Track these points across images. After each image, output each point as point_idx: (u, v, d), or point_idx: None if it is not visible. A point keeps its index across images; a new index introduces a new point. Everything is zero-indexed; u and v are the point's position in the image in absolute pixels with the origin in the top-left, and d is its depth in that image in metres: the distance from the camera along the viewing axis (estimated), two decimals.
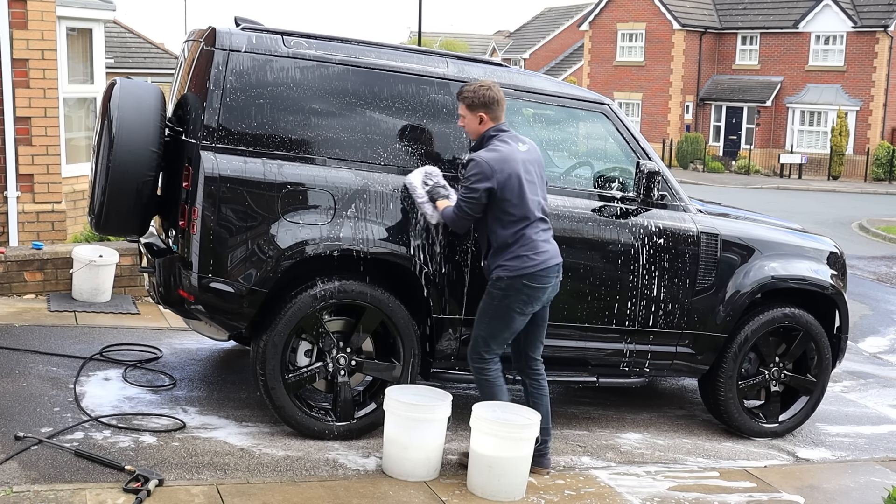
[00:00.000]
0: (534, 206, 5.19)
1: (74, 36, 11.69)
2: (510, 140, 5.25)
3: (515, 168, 5.14)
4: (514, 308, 5.20)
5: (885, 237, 21.57)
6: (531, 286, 5.16)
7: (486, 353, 5.29)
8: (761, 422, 6.66)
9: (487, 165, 5.09)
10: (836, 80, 39.85)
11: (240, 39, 5.34)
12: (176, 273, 5.41)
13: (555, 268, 5.24)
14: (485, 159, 5.12)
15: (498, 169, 5.09)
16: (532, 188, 5.19)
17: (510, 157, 5.15)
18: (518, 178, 5.13)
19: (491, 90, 5.25)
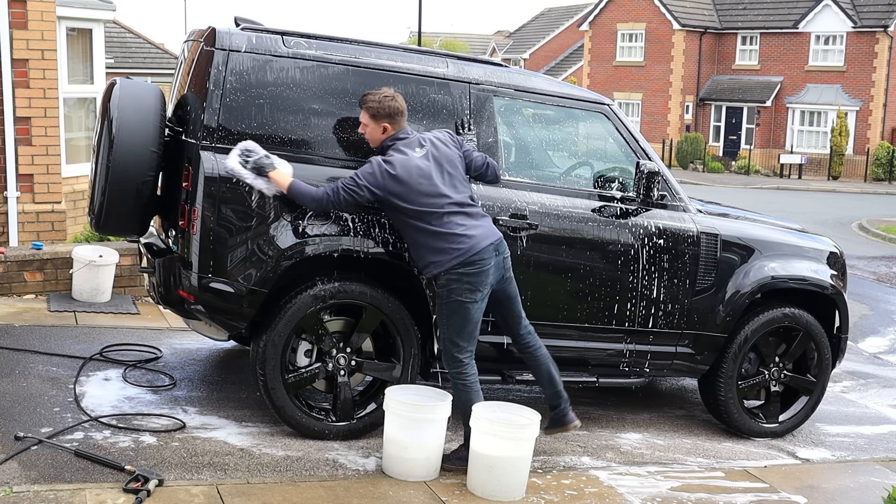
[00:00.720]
0: (440, 201, 5.17)
1: (74, 36, 11.70)
2: (405, 148, 5.23)
3: (410, 176, 5.13)
4: (461, 299, 5.19)
5: (885, 237, 21.58)
6: (469, 273, 5.17)
7: (458, 352, 5.26)
8: (761, 422, 6.67)
9: (381, 173, 5.12)
10: (836, 80, 39.87)
11: (240, 39, 5.34)
12: (176, 273, 5.41)
13: (487, 248, 5.19)
14: (382, 167, 5.13)
15: (389, 178, 5.11)
16: (433, 186, 5.17)
17: (406, 166, 5.15)
18: (415, 185, 5.13)
19: (395, 100, 5.27)
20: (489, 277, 5.24)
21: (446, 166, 5.28)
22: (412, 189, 5.14)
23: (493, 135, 5.81)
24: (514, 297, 5.44)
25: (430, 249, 5.23)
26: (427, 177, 5.19)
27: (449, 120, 5.68)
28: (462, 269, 5.18)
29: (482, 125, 5.77)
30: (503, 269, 5.32)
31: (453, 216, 5.21)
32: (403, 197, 5.15)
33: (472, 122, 5.75)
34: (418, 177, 5.17)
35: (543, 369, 5.53)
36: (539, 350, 5.52)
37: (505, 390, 6.92)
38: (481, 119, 5.77)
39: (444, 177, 5.25)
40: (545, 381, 5.54)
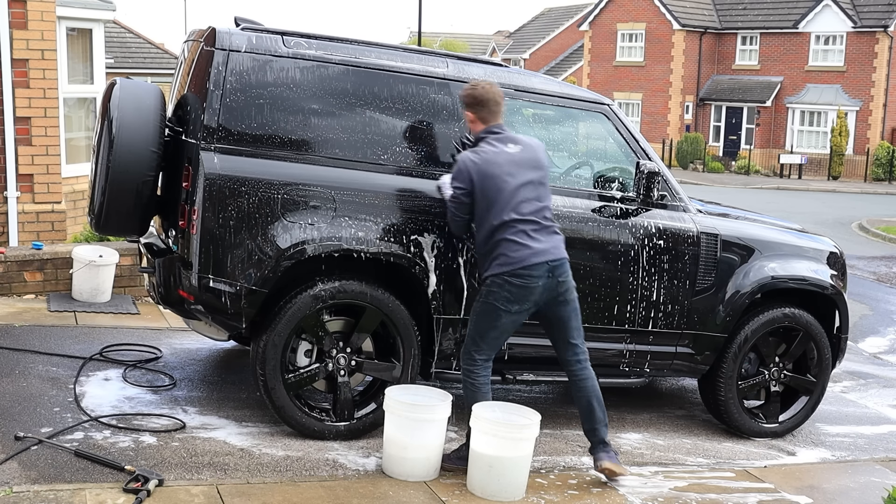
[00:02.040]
0: (515, 207, 5.11)
1: (74, 36, 11.70)
2: (497, 142, 5.21)
3: (493, 170, 5.11)
4: (498, 305, 5.15)
5: (885, 237, 21.58)
6: (513, 283, 5.10)
7: (476, 352, 5.25)
8: (761, 422, 6.66)
9: (465, 167, 5.15)
10: (836, 81, 39.86)
11: (240, 40, 5.34)
12: (176, 273, 5.41)
13: (539, 265, 5.10)
14: (465, 162, 5.16)
15: (475, 171, 5.12)
16: (515, 189, 5.12)
17: (491, 160, 5.13)
18: (496, 181, 5.10)
19: (474, 89, 5.25)
20: (534, 295, 5.14)
21: (534, 172, 5.22)
22: (493, 183, 5.09)
23: None
24: (566, 321, 5.27)
25: (488, 252, 5.18)
26: (511, 175, 5.13)
27: (449, 120, 5.68)
28: (508, 278, 5.11)
29: None
30: (556, 292, 5.19)
31: (520, 223, 5.12)
32: (484, 190, 5.10)
33: None
34: (502, 173, 5.12)
35: (584, 401, 5.34)
36: (585, 381, 5.32)
37: (505, 390, 6.92)
38: None
39: (526, 182, 5.18)
40: (583, 413, 5.35)
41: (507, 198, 5.11)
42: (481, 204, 5.15)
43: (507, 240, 5.10)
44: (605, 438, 5.34)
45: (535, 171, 5.21)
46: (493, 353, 5.30)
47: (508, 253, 5.10)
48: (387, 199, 5.48)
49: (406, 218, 5.51)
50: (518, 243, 5.08)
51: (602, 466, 5.29)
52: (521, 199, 5.14)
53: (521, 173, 5.17)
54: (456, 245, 5.61)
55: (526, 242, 5.09)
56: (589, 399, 5.33)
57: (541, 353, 5.94)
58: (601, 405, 5.35)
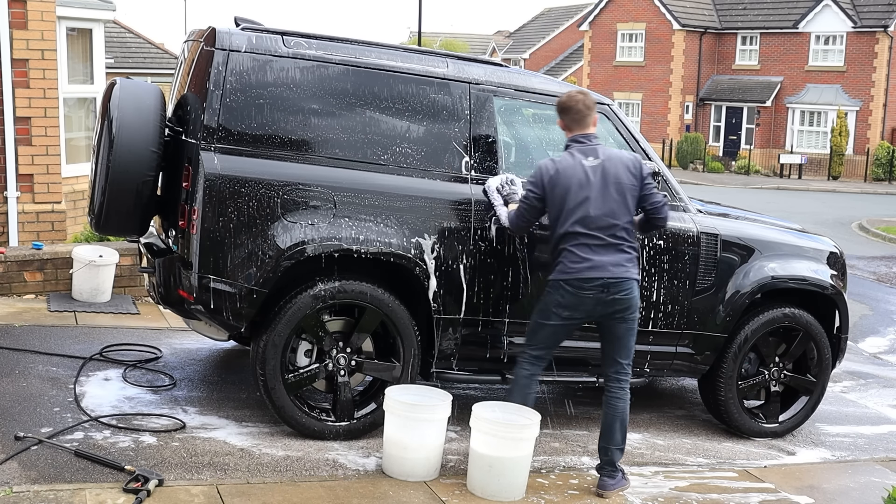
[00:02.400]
0: (581, 220, 5.12)
1: (74, 36, 11.69)
2: (578, 152, 5.21)
3: (567, 181, 5.14)
4: (551, 307, 5.24)
5: (885, 237, 21.58)
6: (566, 290, 5.15)
7: (527, 347, 5.38)
8: (761, 422, 6.66)
9: (540, 173, 5.22)
10: (836, 80, 39.86)
11: (240, 40, 5.34)
12: (176, 273, 5.41)
13: (593, 280, 5.09)
14: (541, 168, 5.24)
15: (547, 179, 5.17)
16: (583, 202, 5.12)
17: (565, 170, 5.16)
18: (564, 191, 5.14)
19: (562, 98, 5.30)
20: (585, 306, 5.17)
21: (611, 188, 5.16)
22: (562, 193, 5.14)
23: (493, 135, 5.81)
24: (617, 339, 5.25)
25: (553, 255, 5.29)
26: (582, 187, 5.13)
27: (449, 120, 5.69)
28: (563, 284, 5.17)
29: (482, 125, 5.77)
30: (612, 308, 5.16)
31: (583, 236, 5.13)
32: (554, 199, 5.18)
33: (474, 123, 5.75)
34: (573, 184, 5.14)
35: (609, 419, 5.29)
36: (617, 401, 5.28)
37: (505, 390, 6.91)
38: (481, 119, 5.77)
39: (601, 196, 5.14)
40: (604, 430, 5.30)
41: (572, 209, 5.14)
42: (551, 212, 5.23)
43: (568, 250, 5.17)
44: (615, 462, 5.29)
45: (612, 185, 5.16)
46: (543, 353, 5.36)
47: (567, 262, 5.17)
48: (387, 200, 5.48)
49: (406, 218, 5.51)
50: (577, 255, 5.13)
51: (599, 492, 5.23)
52: (588, 213, 5.13)
53: (594, 187, 5.14)
54: (456, 245, 5.62)
55: (585, 255, 5.12)
56: (614, 419, 5.28)
57: None
58: (623, 429, 5.29)
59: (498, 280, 5.73)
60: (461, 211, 5.64)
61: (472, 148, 5.74)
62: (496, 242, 5.70)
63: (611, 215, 5.15)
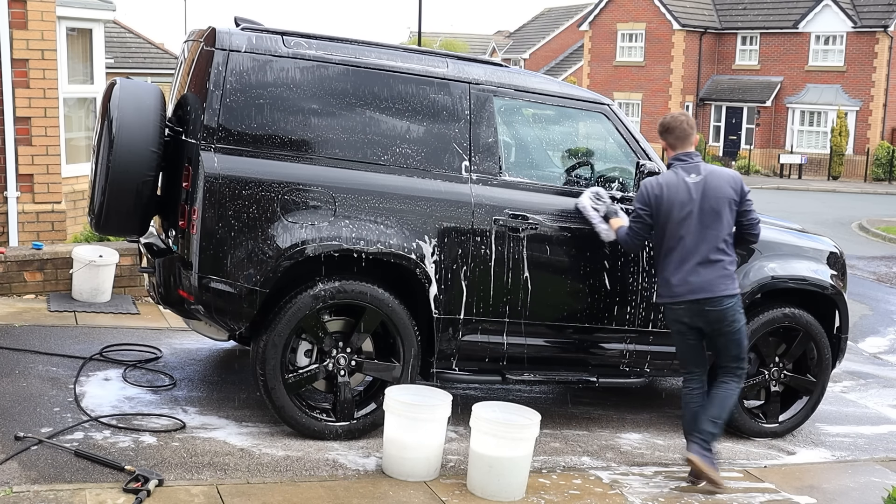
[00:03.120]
0: (682, 238, 5.36)
1: (74, 36, 11.70)
2: (681, 170, 5.45)
3: (670, 197, 5.39)
4: (670, 326, 5.62)
5: (885, 237, 21.57)
6: (670, 308, 5.52)
7: (681, 367, 5.71)
8: (761, 422, 6.66)
9: (645, 191, 5.47)
10: (836, 80, 39.85)
11: (240, 40, 5.34)
12: (176, 273, 5.41)
13: (688, 302, 5.39)
14: (644, 185, 5.50)
15: (652, 195, 5.42)
16: (684, 219, 5.35)
17: (669, 186, 5.40)
18: (668, 208, 5.38)
19: (663, 119, 5.58)
20: (685, 317, 5.48)
21: (710, 203, 5.38)
22: (666, 210, 5.38)
23: (493, 135, 5.81)
24: (720, 349, 5.55)
25: (658, 276, 5.58)
26: (684, 205, 5.37)
27: (449, 120, 5.68)
28: (667, 303, 5.53)
29: (482, 125, 5.77)
30: (710, 320, 5.43)
31: (683, 254, 5.38)
32: (658, 216, 5.41)
33: (474, 123, 5.75)
34: (676, 201, 5.37)
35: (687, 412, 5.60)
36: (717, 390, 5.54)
37: (505, 390, 6.92)
38: (481, 119, 5.77)
39: (699, 214, 5.37)
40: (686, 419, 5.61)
41: (677, 225, 5.38)
42: (656, 228, 5.48)
43: (669, 268, 5.44)
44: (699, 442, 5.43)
45: (714, 201, 5.38)
46: (694, 367, 5.60)
47: (667, 281, 5.46)
48: (387, 200, 5.48)
49: (406, 218, 5.51)
50: (675, 273, 5.40)
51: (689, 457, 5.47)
52: (690, 231, 5.36)
53: (697, 204, 5.36)
54: (456, 245, 5.61)
55: (682, 275, 5.38)
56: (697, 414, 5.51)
57: (541, 353, 5.95)
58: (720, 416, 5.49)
59: (498, 280, 5.73)
60: (461, 211, 5.64)
61: (472, 148, 5.73)
62: (497, 245, 5.70)
63: (712, 230, 5.39)
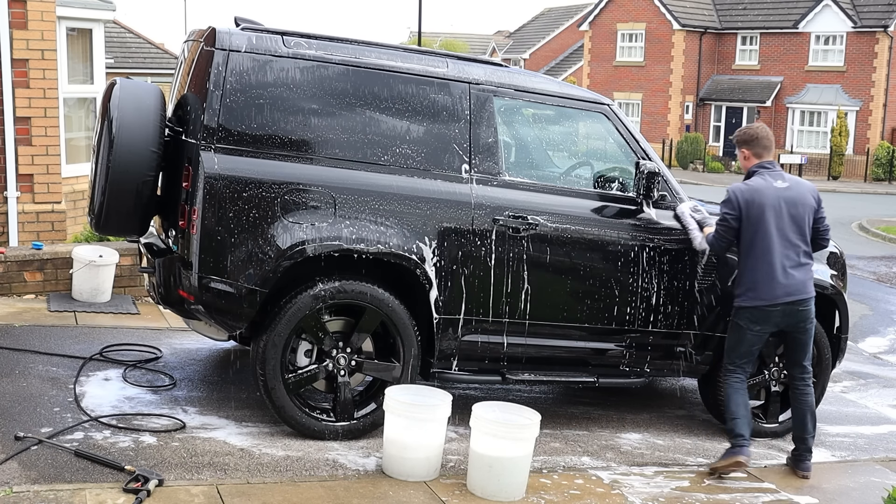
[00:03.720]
0: (769, 243, 5.59)
1: (74, 36, 11.69)
2: (769, 176, 5.69)
3: (761, 202, 5.60)
4: (741, 324, 5.75)
5: (885, 237, 21.57)
6: (758, 307, 5.67)
7: (728, 363, 5.85)
8: (761, 422, 6.66)
9: (735, 196, 5.64)
10: (836, 81, 39.85)
11: (240, 40, 5.34)
12: (176, 273, 5.41)
13: (783, 304, 5.62)
14: (734, 190, 5.68)
15: (743, 200, 5.61)
16: (776, 226, 5.60)
17: (760, 191, 5.62)
18: (759, 213, 5.59)
19: (748, 130, 5.84)
20: (774, 319, 5.69)
21: (797, 209, 5.67)
22: (758, 213, 5.58)
23: (494, 135, 5.81)
24: (801, 346, 5.84)
25: (742, 281, 5.72)
26: (776, 209, 5.60)
27: (449, 120, 5.68)
28: (752, 311, 5.68)
29: (482, 125, 5.77)
30: (796, 320, 5.72)
31: (777, 257, 5.61)
32: (749, 219, 5.60)
33: (474, 123, 5.75)
34: (768, 205, 5.59)
35: (800, 413, 5.91)
36: (806, 396, 5.91)
37: (505, 390, 6.92)
38: (481, 119, 5.77)
39: (787, 219, 5.64)
40: (796, 423, 5.96)
41: (768, 231, 5.60)
42: (746, 232, 5.64)
43: (761, 270, 5.61)
44: (812, 448, 5.94)
45: (800, 207, 5.68)
46: (746, 364, 5.85)
47: (762, 284, 5.61)
48: (387, 200, 5.48)
49: (406, 218, 5.51)
50: (769, 277, 5.60)
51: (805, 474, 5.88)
52: (782, 234, 5.62)
53: (786, 210, 5.63)
54: (456, 245, 5.61)
55: (778, 277, 5.60)
56: (805, 412, 5.91)
57: (541, 353, 5.95)
58: (814, 420, 5.95)
59: (498, 280, 5.73)
60: (461, 211, 5.63)
61: (473, 148, 5.73)
62: (497, 245, 5.70)
63: (798, 235, 5.68)
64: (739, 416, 5.76)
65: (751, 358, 5.89)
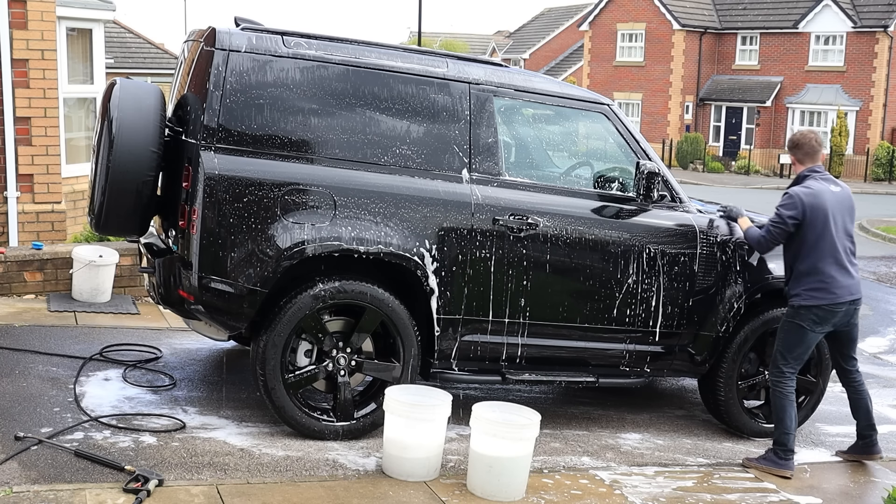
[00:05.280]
0: (833, 244, 5.75)
1: (74, 36, 11.69)
2: (822, 180, 5.86)
3: (823, 205, 5.75)
4: (804, 325, 5.83)
5: (885, 237, 21.56)
6: (823, 309, 5.79)
7: (783, 365, 5.90)
8: (761, 422, 6.66)
9: (798, 199, 5.75)
10: (835, 81, 39.84)
11: (240, 40, 5.34)
12: (176, 273, 5.41)
13: (846, 303, 5.81)
14: (797, 193, 5.80)
15: (807, 203, 5.73)
16: (836, 227, 5.76)
17: (820, 194, 5.77)
18: (824, 215, 5.73)
19: (797, 136, 5.99)
20: (836, 319, 5.85)
21: (847, 212, 5.89)
22: (822, 216, 5.73)
23: (494, 135, 5.81)
24: (852, 340, 6.08)
25: (802, 283, 5.81)
26: (835, 212, 5.78)
27: (449, 120, 5.68)
28: (816, 311, 5.79)
29: (482, 125, 5.77)
30: (850, 317, 5.91)
31: (838, 259, 5.78)
32: (813, 221, 5.73)
33: (474, 123, 5.75)
34: (829, 209, 5.76)
35: (862, 404, 6.18)
36: (863, 386, 6.20)
37: (505, 390, 6.92)
38: (481, 119, 5.77)
39: (842, 221, 5.84)
40: (862, 414, 6.20)
41: (831, 232, 5.75)
42: (809, 234, 5.76)
43: (825, 272, 5.76)
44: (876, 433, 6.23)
45: (850, 213, 5.90)
46: (799, 366, 5.97)
47: (822, 291, 5.76)
48: (387, 200, 5.48)
49: (406, 218, 5.51)
50: (834, 278, 5.76)
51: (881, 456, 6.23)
52: (841, 237, 5.81)
53: (842, 212, 5.85)
54: (456, 245, 5.61)
55: (841, 279, 5.77)
56: (867, 403, 6.20)
57: (541, 353, 5.95)
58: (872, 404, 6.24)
59: (498, 280, 5.73)
60: (461, 211, 5.63)
61: (473, 148, 5.73)
62: (497, 245, 5.70)
63: (849, 237, 5.89)
64: (791, 432, 5.89)
65: (803, 361, 5.98)
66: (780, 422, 5.89)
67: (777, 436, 5.90)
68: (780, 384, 5.91)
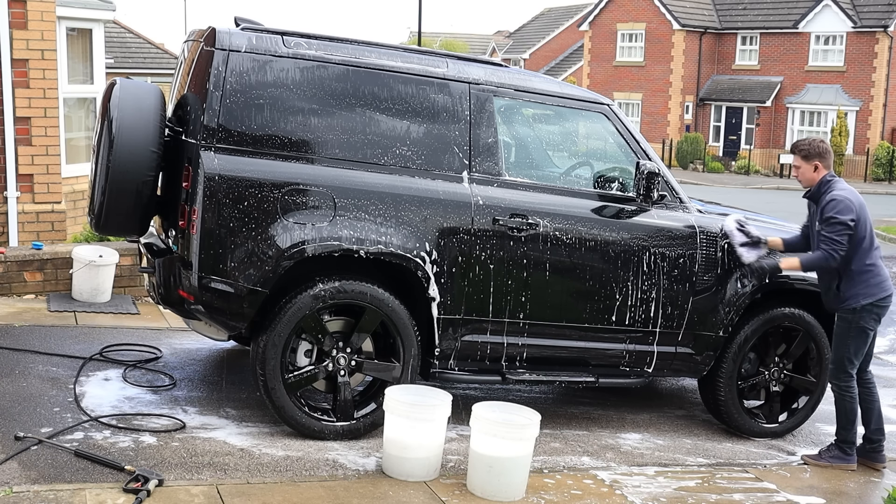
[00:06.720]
0: (874, 241, 5.92)
1: (74, 36, 11.70)
2: (844, 183, 5.95)
3: (864, 205, 5.89)
4: (868, 327, 5.95)
5: (885, 237, 21.56)
6: (882, 307, 5.91)
7: (850, 368, 6.01)
8: (761, 422, 6.66)
9: (850, 200, 5.82)
10: (835, 81, 39.85)
11: (240, 40, 5.34)
12: (176, 273, 5.41)
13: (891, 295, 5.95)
14: (844, 196, 5.83)
15: (856, 203, 5.84)
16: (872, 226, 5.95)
17: (857, 194, 5.91)
18: (866, 213, 5.88)
19: (824, 143, 6.03)
20: (884, 313, 5.98)
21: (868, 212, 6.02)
22: (867, 217, 5.88)
23: (494, 135, 5.81)
24: (874, 338, 6.10)
25: (860, 282, 5.88)
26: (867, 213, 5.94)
27: (449, 120, 5.68)
28: (880, 303, 5.90)
29: (482, 125, 5.77)
30: None
31: (877, 257, 5.94)
32: (865, 223, 5.86)
33: (474, 123, 5.75)
34: (866, 211, 5.90)
35: (876, 406, 6.14)
36: (875, 388, 6.17)
37: (505, 390, 6.92)
38: (481, 119, 5.77)
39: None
40: (874, 417, 6.16)
41: (872, 233, 5.92)
42: (863, 233, 5.86)
43: (878, 266, 5.91)
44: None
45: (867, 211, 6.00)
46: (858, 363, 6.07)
47: (882, 283, 5.90)
48: (387, 200, 5.48)
49: (406, 218, 5.51)
50: (883, 274, 5.92)
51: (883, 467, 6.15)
52: (873, 235, 5.97)
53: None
54: (456, 245, 5.61)
55: (885, 273, 5.94)
56: (879, 405, 6.18)
57: (541, 353, 5.95)
58: None
59: (498, 280, 5.73)
60: (462, 211, 5.63)
61: (473, 148, 5.73)
62: (497, 245, 5.70)
63: None
64: (855, 428, 6.05)
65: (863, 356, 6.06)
66: (849, 423, 6.05)
67: (844, 435, 6.08)
68: (850, 388, 6.03)
